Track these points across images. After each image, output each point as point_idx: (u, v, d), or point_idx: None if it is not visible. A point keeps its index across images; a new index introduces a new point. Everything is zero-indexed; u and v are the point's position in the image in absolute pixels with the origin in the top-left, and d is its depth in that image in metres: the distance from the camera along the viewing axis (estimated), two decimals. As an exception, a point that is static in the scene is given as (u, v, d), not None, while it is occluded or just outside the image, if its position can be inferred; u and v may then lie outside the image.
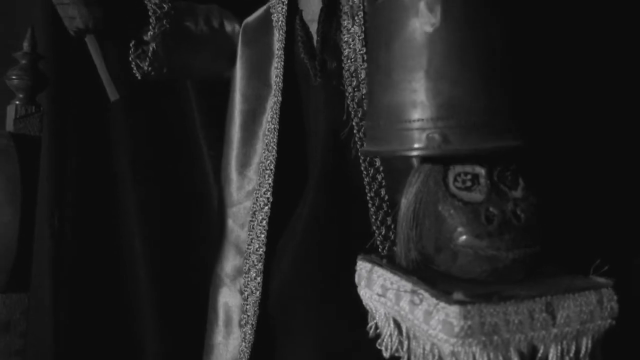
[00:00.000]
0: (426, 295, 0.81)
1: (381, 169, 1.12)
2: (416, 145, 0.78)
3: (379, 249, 1.12)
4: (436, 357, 0.81)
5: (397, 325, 0.90)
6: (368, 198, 1.13)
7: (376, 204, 1.13)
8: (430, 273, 0.86)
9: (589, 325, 0.81)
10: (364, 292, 0.95)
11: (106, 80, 1.17)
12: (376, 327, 0.96)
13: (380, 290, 0.90)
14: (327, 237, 1.17)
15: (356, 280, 0.98)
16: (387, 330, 0.91)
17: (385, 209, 1.13)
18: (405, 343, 0.88)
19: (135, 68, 1.25)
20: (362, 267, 0.96)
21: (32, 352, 1.30)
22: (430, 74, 0.76)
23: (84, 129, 1.74)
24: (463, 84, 0.75)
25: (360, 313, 1.09)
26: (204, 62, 1.30)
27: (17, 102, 1.17)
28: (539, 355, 0.80)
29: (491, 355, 0.77)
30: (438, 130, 0.76)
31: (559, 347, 0.80)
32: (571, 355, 0.81)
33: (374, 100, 0.83)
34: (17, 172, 1.04)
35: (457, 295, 0.76)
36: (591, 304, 0.81)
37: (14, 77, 1.20)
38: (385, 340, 0.92)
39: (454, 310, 0.76)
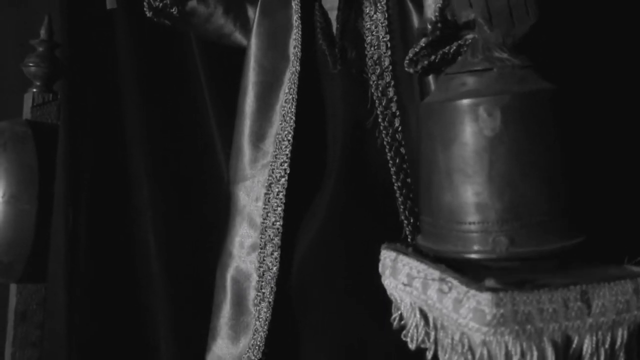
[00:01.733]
0: (455, 282, 0.78)
1: (406, 157, 1.10)
2: (482, 248, 0.79)
3: (409, 239, 1.09)
4: (466, 347, 0.78)
5: (424, 315, 0.87)
6: (395, 187, 1.10)
7: (404, 193, 1.11)
8: (458, 262, 0.83)
9: (625, 316, 0.78)
10: (388, 282, 0.92)
11: None
12: (401, 318, 0.94)
13: (406, 279, 0.88)
14: (350, 225, 1.14)
15: (380, 269, 0.95)
16: (413, 320, 0.89)
17: (412, 197, 1.11)
18: (432, 334, 0.86)
19: (146, 4, 1.23)
20: (387, 256, 0.93)
21: (48, 345, 1.28)
22: (493, 177, 0.77)
23: (99, 121, 1.72)
24: (526, 186, 0.77)
25: (382, 302, 1.07)
26: (216, 16, 1.27)
27: (35, 90, 1.15)
28: (573, 346, 0.77)
29: (524, 345, 0.74)
30: (504, 233, 0.77)
31: (594, 338, 0.77)
32: (606, 346, 0.78)
33: (433, 199, 0.83)
34: (35, 159, 1.02)
35: (489, 282, 0.74)
36: (627, 293, 0.78)
37: (31, 64, 1.19)
38: (410, 331, 0.89)
39: (485, 297, 0.73)
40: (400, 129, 1.10)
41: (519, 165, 0.77)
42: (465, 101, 0.79)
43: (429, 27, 0.95)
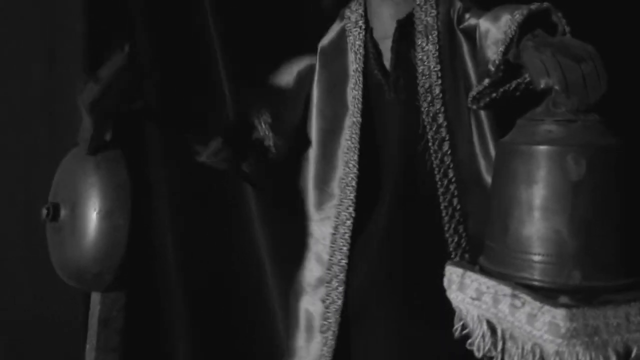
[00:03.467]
0: (529, 299, 0.87)
1: (454, 179, 1.20)
2: (555, 279, 0.88)
3: (452, 256, 1.19)
4: (537, 357, 0.87)
5: (491, 326, 0.96)
6: (442, 207, 1.20)
7: (449, 213, 1.20)
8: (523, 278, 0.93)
9: (676, 328, 0.88)
10: (455, 295, 1.01)
11: None
12: (463, 328, 1.03)
13: (474, 293, 0.97)
14: (401, 246, 1.23)
15: (445, 284, 1.04)
16: (480, 331, 0.98)
17: (457, 217, 1.20)
18: (500, 343, 0.95)
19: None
20: (453, 272, 1.02)
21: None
22: (573, 217, 0.87)
23: (129, 140, 1.79)
24: (602, 228, 0.87)
25: (435, 315, 1.17)
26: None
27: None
28: (632, 355, 0.86)
29: (592, 354, 0.83)
30: (578, 267, 0.87)
31: (654, 349, 0.87)
32: (667, 356, 0.88)
33: (511, 229, 0.92)
34: (127, 178, 1.11)
35: (563, 299, 0.83)
36: (679, 309, 0.88)
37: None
38: (477, 340, 0.98)
39: (560, 312, 0.82)
40: (449, 152, 1.19)
41: (597, 209, 0.87)
42: (554, 148, 0.89)
43: (492, 69, 1.05)
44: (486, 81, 1.08)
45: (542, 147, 0.90)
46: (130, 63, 1.03)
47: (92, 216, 1.06)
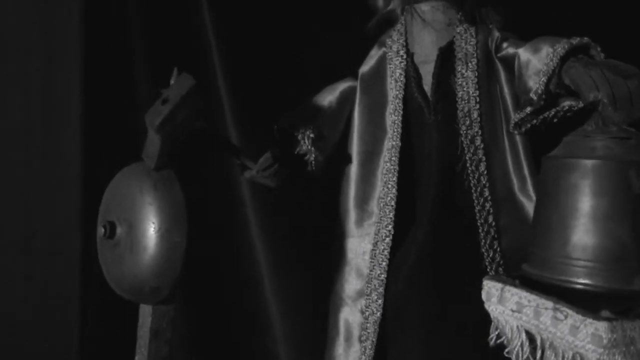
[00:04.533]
0: (571, 312, 0.96)
1: (489, 198, 1.29)
2: (619, 285, 0.97)
3: (487, 270, 1.28)
4: (577, 365, 0.97)
5: (530, 337, 1.05)
6: (478, 224, 1.28)
7: (485, 230, 1.28)
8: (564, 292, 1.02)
9: (698, 339, 0.98)
10: (494, 308, 1.10)
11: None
12: (497, 338, 1.12)
13: (515, 306, 1.06)
14: (437, 260, 1.31)
15: (484, 297, 1.13)
16: (518, 341, 1.07)
17: (492, 234, 1.29)
18: (539, 353, 1.04)
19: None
20: (492, 286, 1.11)
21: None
22: (635, 226, 0.96)
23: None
24: None
25: (468, 328, 1.26)
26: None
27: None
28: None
29: (628, 362, 0.93)
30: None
31: (677, 356, 0.97)
32: (684, 363, 0.98)
33: (573, 240, 1.00)
34: (182, 197, 1.16)
35: (605, 313, 0.93)
36: (701, 321, 0.98)
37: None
38: (516, 349, 1.07)
39: (603, 325, 0.91)
40: (485, 172, 1.28)
41: None
42: (617, 163, 0.98)
43: (535, 98, 1.14)
44: (528, 109, 1.17)
45: (606, 162, 0.99)
46: (198, 86, 1.09)
47: (152, 234, 1.11)
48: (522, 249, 1.26)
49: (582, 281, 0.98)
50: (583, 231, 0.99)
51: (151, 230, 1.12)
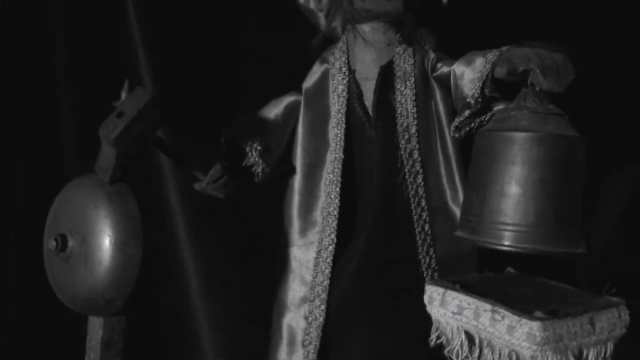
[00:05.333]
0: (507, 313, 1.07)
1: (426, 207, 1.38)
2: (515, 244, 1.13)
3: (424, 275, 1.38)
4: (512, 361, 1.07)
5: (469, 336, 1.15)
6: (416, 232, 1.38)
7: (422, 237, 1.38)
8: (499, 295, 1.13)
9: (613, 333, 1.12)
10: (436, 310, 1.19)
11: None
12: (437, 338, 1.22)
13: (456, 309, 1.15)
14: (377, 266, 1.39)
15: (426, 300, 1.22)
16: (458, 341, 1.17)
17: (428, 241, 1.39)
18: (477, 351, 1.14)
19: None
20: (434, 291, 1.20)
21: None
22: (555, 193, 1.13)
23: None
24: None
25: (407, 329, 1.35)
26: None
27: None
28: (584, 356, 1.09)
29: (558, 357, 1.05)
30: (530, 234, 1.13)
31: (596, 350, 1.10)
32: (602, 355, 1.11)
33: (500, 204, 1.14)
34: (137, 210, 1.17)
35: (538, 314, 1.04)
36: (614, 317, 1.12)
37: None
38: (456, 348, 1.17)
39: (536, 324, 1.02)
40: (422, 183, 1.38)
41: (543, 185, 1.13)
42: (539, 134, 1.13)
43: (472, 101, 1.25)
44: (467, 112, 1.28)
45: (528, 133, 1.13)
46: (154, 98, 1.10)
47: (107, 247, 1.11)
48: (453, 257, 1.38)
49: (509, 244, 1.12)
50: (506, 196, 1.13)
51: (107, 243, 1.12)
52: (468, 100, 1.26)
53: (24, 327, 1.81)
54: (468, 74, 1.30)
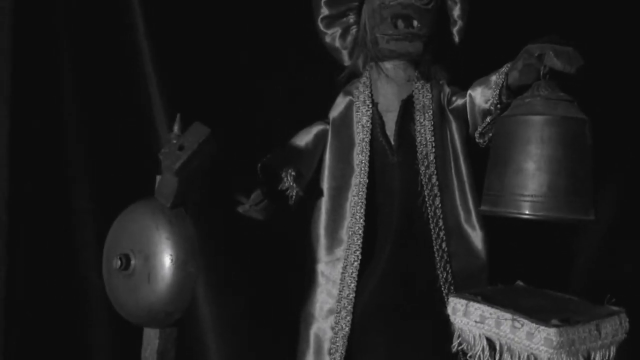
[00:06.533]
0: (526, 321, 1.22)
1: (443, 227, 1.54)
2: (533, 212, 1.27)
3: (441, 289, 1.52)
4: (531, 363, 1.23)
5: (490, 342, 1.30)
6: (434, 250, 1.53)
7: (439, 254, 1.53)
8: (516, 306, 1.28)
9: (616, 338, 1.28)
10: (460, 320, 1.34)
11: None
12: (459, 344, 1.37)
13: (478, 318, 1.30)
14: (398, 281, 1.52)
15: (450, 311, 1.36)
16: (480, 346, 1.32)
17: (445, 258, 1.54)
18: (497, 356, 1.29)
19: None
20: (457, 302, 1.35)
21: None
22: (566, 168, 1.27)
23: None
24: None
25: (428, 338, 1.50)
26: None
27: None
28: (591, 358, 1.25)
29: (570, 359, 1.20)
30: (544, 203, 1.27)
31: (601, 353, 1.25)
32: (606, 358, 1.27)
33: (522, 178, 1.28)
34: (193, 231, 1.31)
35: (554, 322, 1.19)
36: (616, 324, 1.28)
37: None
38: (477, 353, 1.32)
39: (553, 331, 1.18)
40: (440, 205, 1.53)
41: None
42: (554, 117, 1.26)
43: (492, 108, 1.40)
44: (488, 118, 1.43)
45: (544, 117, 1.27)
46: (212, 135, 1.24)
47: (169, 265, 1.24)
48: (468, 272, 1.53)
49: (527, 212, 1.26)
50: (523, 171, 1.27)
51: (168, 262, 1.25)
52: (488, 107, 1.40)
53: (33, 329, 1.85)
54: (484, 92, 1.44)
